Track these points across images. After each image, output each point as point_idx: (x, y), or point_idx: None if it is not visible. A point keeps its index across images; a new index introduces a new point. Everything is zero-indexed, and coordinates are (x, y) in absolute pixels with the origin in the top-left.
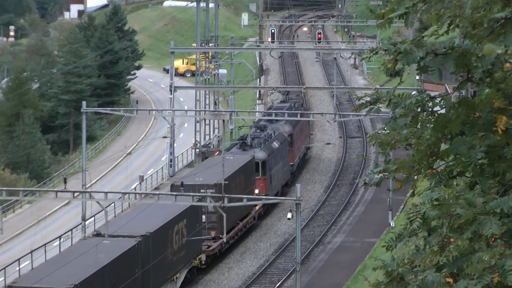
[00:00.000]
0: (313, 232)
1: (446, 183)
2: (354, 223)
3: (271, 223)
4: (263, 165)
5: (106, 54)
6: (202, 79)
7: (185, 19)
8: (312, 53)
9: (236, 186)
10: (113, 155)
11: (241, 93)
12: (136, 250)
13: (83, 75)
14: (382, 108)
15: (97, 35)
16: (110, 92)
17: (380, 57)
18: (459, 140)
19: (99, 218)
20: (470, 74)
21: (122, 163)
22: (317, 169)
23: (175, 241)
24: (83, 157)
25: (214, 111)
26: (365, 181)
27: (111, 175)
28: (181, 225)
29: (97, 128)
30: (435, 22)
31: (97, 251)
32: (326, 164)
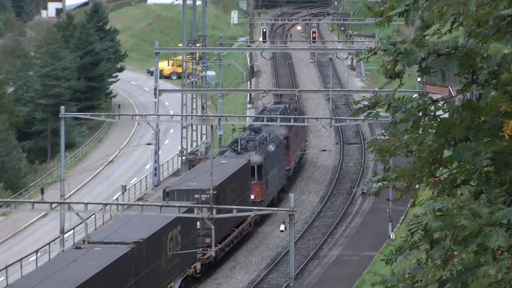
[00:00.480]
0: (308, 245)
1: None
2: (352, 235)
3: (262, 236)
4: (259, 169)
5: (86, 55)
6: (188, 82)
7: (170, 17)
8: (306, 54)
9: (232, 191)
10: (94, 164)
11: (230, 97)
12: (129, 258)
13: (61, 77)
14: (381, 112)
15: (76, 35)
16: (91, 96)
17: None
18: (463, 146)
19: (78, 230)
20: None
21: (103, 172)
22: (312, 177)
23: (169, 248)
24: (62, 166)
25: (201, 116)
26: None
27: (91, 185)
28: (175, 231)
29: (77, 135)
30: (438, 20)
31: (88, 258)
32: (322, 172)
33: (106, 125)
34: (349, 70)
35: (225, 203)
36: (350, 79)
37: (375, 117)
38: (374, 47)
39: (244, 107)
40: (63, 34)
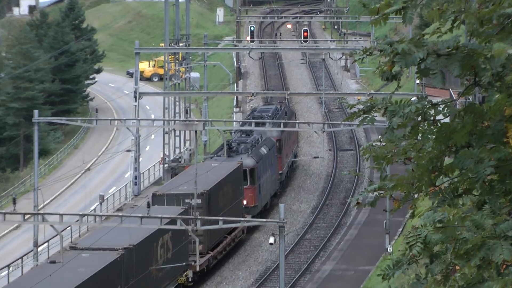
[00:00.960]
0: (299, 259)
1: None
2: (346, 249)
3: (250, 249)
4: (251, 173)
5: (61, 55)
6: (171, 84)
7: (151, 15)
8: (297, 54)
9: (224, 195)
10: (70, 172)
11: (216, 100)
12: (118, 264)
13: (35, 79)
14: (377, 117)
15: (51, 34)
16: (66, 99)
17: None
18: (465, 153)
19: (53, 244)
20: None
21: (80, 180)
22: (303, 186)
23: (160, 255)
24: (35, 174)
25: (185, 120)
26: (358, 200)
27: (67, 195)
28: (166, 237)
29: (51, 141)
30: (438, 18)
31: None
32: (314, 180)
33: (82, 131)
34: (343, 71)
35: (217, 208)
36: (344, 81)
37: (370, 122)
38: (369, 47)
39: (231, 111)
40: (37, 33)
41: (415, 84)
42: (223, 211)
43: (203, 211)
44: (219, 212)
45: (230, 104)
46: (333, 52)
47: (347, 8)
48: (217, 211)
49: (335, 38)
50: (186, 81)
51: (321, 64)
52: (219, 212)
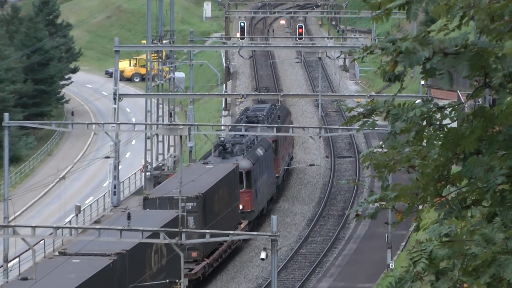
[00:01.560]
0: (293, 275)
1: (458, 215)
2: (344, 265)
3: (240, 265)
4: (247, 175)
5: (34, 53)
6: (153, 85)
7: (132, 9)
8: (291, 52)
9: (219, 199)
10: (43, 180)
11: (203, 102)
12: (111, 271)
13: (5, 80)
14: (378, 121)
15: (22, 30)
16: (39, 102)
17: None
18: (474, 161)
19: (25, 259)
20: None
21: (54, 190)
22: (297, 196)
23: (154, 261)
24: (5, 183)
25: (169, 124)
26: (357, 212)
27: (40, 205)
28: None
29: (23, 147)
30: (445, 14)
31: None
32: (309, 190)
33: (57, 135)
34: (341, 71)
35: (212, 213)
36: (342, 82)
37: (371, 126)
38: (370, 45)
39: (219, 115)
40: (7, 29)
41: (420, 85)
42: (219, 216)
43: (198, 215)
44: (215, 217)
45: (218, 107)
46: (330, 50)
47: (346, 3)
48: (212, 216)
49: (332, 35)
50: (170, 81)
51: (318, 64)
52: (214, 217)
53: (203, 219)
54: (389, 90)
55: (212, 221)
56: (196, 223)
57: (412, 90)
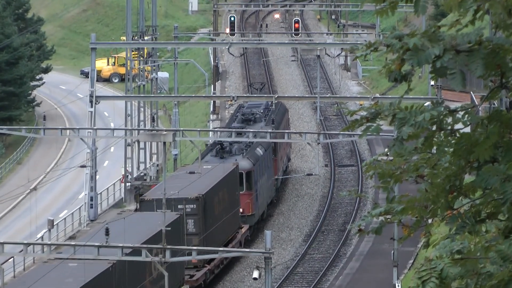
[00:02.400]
0: None
1: (471, 229)
2: (345, 285)
3: (230, 285)
4: (247, 177)
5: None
6: (134, 86)
7: (110, 2)
8: (287, 49)
9: (219, 201)
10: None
11: (188, 105)
12: (110, 275)
13: None
14: (383, 126)
15: None
16: (7, 105)
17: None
18: (490, 170)
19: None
20: (504, 79)
21: (24, 202)
22: (294, 209)
23: (154, 266)
24: None
25: (151, 130)
26: (360, 226)
27: (8, 219)
28: None
29: None
30: (457, 8)
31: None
32: (307, 202)
33: (27, 142)
34: (342, 70)
35: (212, 216)
36: (343, 83)
37: (375, 131)
38: (374, 42)
39: (206, 119)
40: None
41: (429, 86)
42: (220, 219)
43: (198, 218)
44: (215, 220)
45: (205, 111)
46: (330, 47)
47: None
48: (212, 219)
49: (332, 31)
50: (152, 82)
51: (316, 62)
52: (215, 220)
53: (203, 223)
54: (395, 92)
55: (213, 224)
56: (196, 227)
57: (421, 91)
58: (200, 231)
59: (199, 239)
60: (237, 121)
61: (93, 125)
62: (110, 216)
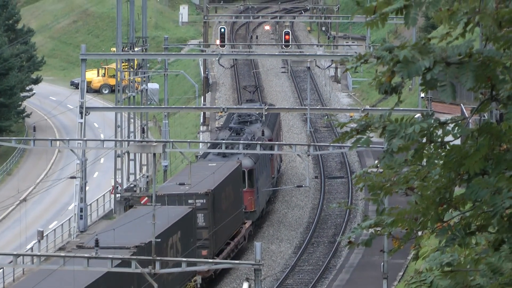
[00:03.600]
0: None
1: (461, 242)
2: None
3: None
4: (250, 174)
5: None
6: (124, 97)
7: (100, 13)
8: (277, 61)
9: (226, 197)
10: (2, 203)
11: (178, 117)
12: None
13: None
14: (373, 138)
15: None
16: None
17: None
18: (480, 182)
19: None
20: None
21: (14, 213)
22: (283, 221)
23: (169, 256)
24: None
25: (141, 141)
26: (349, 239)
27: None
28: (175, 238)
29: None
30: (447, 20)
31: None
32: (297, 214)
33: (17, 153)
34: (332, 82)
35: (220, 211)
36: (333, 94)
37: (365, 143)
38: (364, 54)
39: (196, 130)
40: None
41: (420, 98)
42: (226, 214)
43: (208, 212)
44: (223, 215)
45: (195, 122)
46: (320, 59)
47: (337, 6)
48: (220, 213)
49: (322, 42)
50: (142, 93)
51: (306, 74)
52: (222, 215)
53: (212, 217)
54: (385, 104)
55: (220, 219)
56: (206, 221)
57: (411, 103)
58: (209, 225)
59: (208, 232)
60: (233, 123)
61: (83, 136)
62: (100, 226)
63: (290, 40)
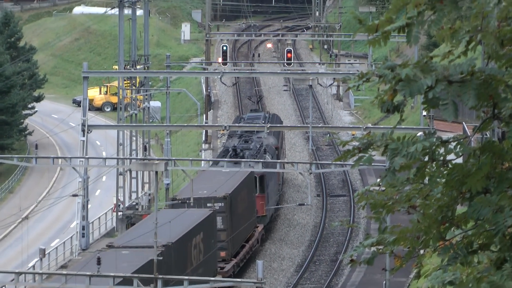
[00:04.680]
0: None
1: (463, 260)
2: None
3: None
4: (261, 180)
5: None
6: (126, 115)
7: (103, 31)
8: (279, 79)
9: (241, 201)
10: (3, 221)
11: (180, 135)
12: (159, 261)
13: None
14: (375, 156)
15: None
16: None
17: (373, 86)
18: (482, 201)
19: None
20: (496, 109)
21: (16, 231)
22: (285, 239)
23: (193, 256)
24: None
25: (143, 159)
26: (352, 257)
27: (0, 248)
28: (198, 238)
29: None
30: (449, 38)
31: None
32: (299, 232)
33: (19, 171)
34: (334, 100)
35: (236, 214)
36: (335, 113)
37: (367, 162)
38: (366, 72)
39: (198, 148)
40: None
41: (422, 116)
42: (242, 217)
43: (226, 215)
44: (239, 218)
45: (197, 140)
46: (322, 77)
47: (339, 24)
48: (236, 217)
49: (324, 61)
50: (144, 111)
51: (308, 92)
52: (238, 218)
53: (230, 220)
54: (387, 122)
55: (237, 222)
56: (224, 223)
57: (413, 122)
58: (227, 227)
59: (226, 234)
60: (240, 131)
61: (85, 154)
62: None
63: (292, 58)
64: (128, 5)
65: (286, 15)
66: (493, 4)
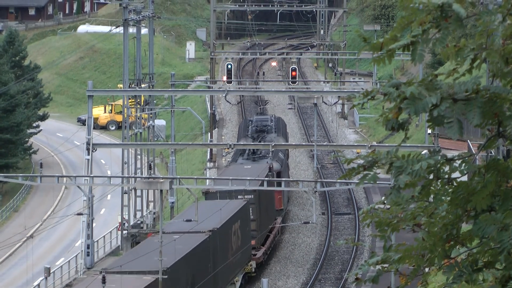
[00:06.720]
0: None
1: (468, 278)
2: None
3: None
4: (278, 176)
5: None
6: (131, 134)
7: (107, 50)
8: (284, 97)
9: (265, 195)
10: (8, 240)
11: (185, 153)
12: (207, 244)
13: None
14: (380, 174)
15: None
16: (4, 152)
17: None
18: (487, 219)
19: None
20: (501, 127)
21: (21, 250)
22: (290, 257)
23: (233, 241)
24: None
25: (148, 177)
26: (357, 275)
27: (5, 267)
28: (236, 226)
29: None
30: (454, 56)
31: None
32: (303, 251)
33: (24, 190)
34: (339, 118)
35: (263, 205)
36: (340, 131)
37: (372, 180)
38: (371, 90)
39: (203, 167)
40: None
41: (426, 134)
42: (266, 209)
43: (255, 206)
44: (264, 209)
45: (202, 158)
46: (327, 95)
47: (344, 43)
48: (263, 208)
49: (329, 79)
50: (149, 130)
51: (313, 110)
52: (264, 209)
53: (259, 210)
54: (392, 140)
55: (263, 212)
56: (254, 214)
57: (418, 140)
58: (257, 217)
59: (256, 224)
60: (251, 132)
61: (90, 172)
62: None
63: (297, 77)
64: (133, 24)
65: (291, 33)
66: (497, 22)
